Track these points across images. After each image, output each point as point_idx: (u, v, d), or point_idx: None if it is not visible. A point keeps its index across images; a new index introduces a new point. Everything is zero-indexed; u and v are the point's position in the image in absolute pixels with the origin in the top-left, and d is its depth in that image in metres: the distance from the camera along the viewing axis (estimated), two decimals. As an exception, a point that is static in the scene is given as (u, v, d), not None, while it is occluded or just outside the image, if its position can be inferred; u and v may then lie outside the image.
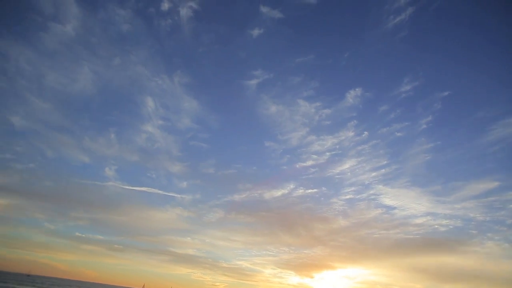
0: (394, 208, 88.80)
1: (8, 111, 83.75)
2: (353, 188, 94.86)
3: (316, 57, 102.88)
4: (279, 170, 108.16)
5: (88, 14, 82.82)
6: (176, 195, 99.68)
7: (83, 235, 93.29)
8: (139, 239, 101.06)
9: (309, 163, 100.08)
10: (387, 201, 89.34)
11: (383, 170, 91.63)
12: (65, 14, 79.02)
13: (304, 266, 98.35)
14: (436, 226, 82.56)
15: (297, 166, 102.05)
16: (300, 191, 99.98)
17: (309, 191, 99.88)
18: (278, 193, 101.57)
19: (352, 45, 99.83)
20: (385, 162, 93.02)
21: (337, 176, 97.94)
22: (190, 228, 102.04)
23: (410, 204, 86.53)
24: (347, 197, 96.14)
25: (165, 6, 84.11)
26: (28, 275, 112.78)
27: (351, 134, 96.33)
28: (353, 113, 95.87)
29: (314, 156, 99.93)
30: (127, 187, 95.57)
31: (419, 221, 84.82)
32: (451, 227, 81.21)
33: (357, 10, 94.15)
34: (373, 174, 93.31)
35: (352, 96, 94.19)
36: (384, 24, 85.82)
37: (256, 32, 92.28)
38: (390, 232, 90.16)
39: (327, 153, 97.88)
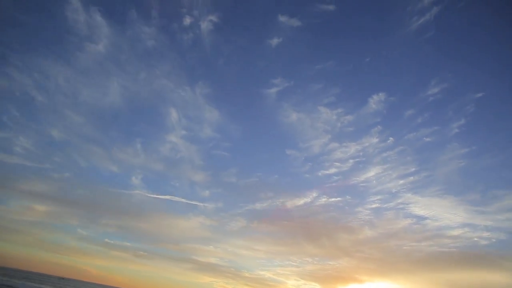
0: (426, 218, 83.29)
1: (49, 125, 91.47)
2: (379, 197, 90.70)
3: (337, 63, 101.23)
4: (301, 178, 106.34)
5: (117, 33, 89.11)
6: (198, 204, 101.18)
7: (112, 242, 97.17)
8: (163, 246, 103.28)
9: (332, 171, 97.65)
10: (417, 211, 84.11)
11: (412, 177, 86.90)
12: (97, 34, 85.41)
13: (329, 278, 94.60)
14: (475, 239, 75.82)
15: (319, 174, 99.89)
16: (323, 200, 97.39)
17: (333, 199, 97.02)
18: (300, 201, 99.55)
19: (373, 49, 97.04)
20: (414, 169, 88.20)
21: (362, 184, 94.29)
22: (212, 236, 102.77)
23: (444, 214, 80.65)
24: (373, 206, 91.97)
25: (187, 21, 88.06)
26: (62, 278, 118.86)
27: (375, 140, 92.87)
28: (376, 119, 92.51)
29: (337, 164, 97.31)
30: (152, 195, 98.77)
31: (455, 232, 78.73)
32: (494, 240, 74.06)
33: (378, 13, 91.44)
34: (401, 182, 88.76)
35: (375, 101, 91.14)
36: (407, 26, 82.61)
37: (275, 41, 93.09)
38: (422, 244, 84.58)
39: (351, 161, 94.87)
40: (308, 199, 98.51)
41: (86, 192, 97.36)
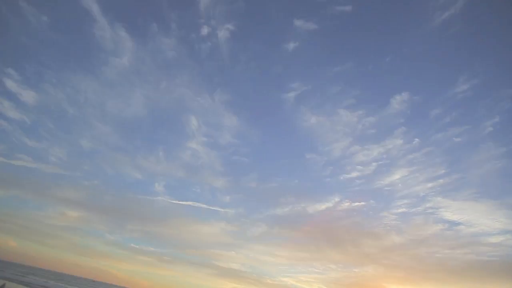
0: (459, 223, 77.26)
1: (79, 135, 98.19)
2: (406, 201, 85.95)
3: (355, 65, 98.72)
4: (322, 182, 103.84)
5: (140, 46, 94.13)
6: (219, 209, 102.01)
7: (137, 246, 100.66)
8: (186, 252, 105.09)
9: (354, 174, 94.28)
10: (449, 216, 78.36)
11: (441, 180, 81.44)
12: (121, 49, 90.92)
13: (355, 286, 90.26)
14: (518, 247, 68.90)
15: (341, 178, 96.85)
16: (346, 204, 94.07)
17: (356, 204, 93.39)
18: (322, 206, 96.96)
19: (394, 48, 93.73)
20: (443, 171, 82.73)
21: (387, 188, 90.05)
22: (234, 242, 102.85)
23: (480, 219, 74.22)
24: (400, 210, 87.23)
25: (205, 31, 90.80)
26: (93, 281, 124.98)
27: (399, 142, 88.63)
28: (400, 120, 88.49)
29: (359, 167, 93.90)
30: (174, 201, 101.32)
31: (494, 240, 72.03)
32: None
33: (397, 10, 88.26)
34: (429, 185, 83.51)
35: (398, 101, 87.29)
36: (430, 21, 78.66)
37: (291, 45, 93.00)
38: (457, 252, 78.46)
39: (374, 164, 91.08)
40: (330, 204, 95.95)
41: (113, 199, 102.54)
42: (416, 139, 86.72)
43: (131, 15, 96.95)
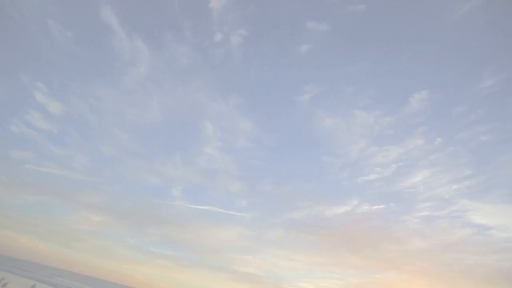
0: (489, 227, 72.38)
1: (100, 143, 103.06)
2: (429, 204, 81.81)
3: (371, 64, 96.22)
4: (339, 185, 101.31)
5: (156, 55, 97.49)
6: (236, 214, 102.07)
7: (156, 250, 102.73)
8: (203, 256, 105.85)
9: (373, 176, 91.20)
10: (478, 219, 73.58)
11: (467, 181, 76.83)
12: (139, 58, 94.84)
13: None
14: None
15: (359, 180, 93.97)
16: (365, 208, 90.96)
17: (376, 207, 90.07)
18: (340, 210, 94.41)
19: (411, 45, 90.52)
20: (469, 172, 78.06)
21: (408, 190, 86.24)
22: (251, 246, 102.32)
23: (515, 223, 68.99)
24: (423, 214, 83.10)
25: (218, 37, 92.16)
26: (115, 284, 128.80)
27: (420, 142, 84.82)
28: (420, 119, 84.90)
29: (378, 169, 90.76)
30: (191, 206, 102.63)
31: (530, 245, 66.75)
32: None
33: (413, 6, 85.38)
34: (454, 186, 79.03)
35: (417, 100, 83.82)
36: (449, 15, 75.37)
37: (304, 47, 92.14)
38: (488, 258, 73.46)
39: (393, 165, 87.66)
40: (348, 207, 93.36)
41: (133, 203, 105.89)
42: (438, 139, 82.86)
43: (147, 25, 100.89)
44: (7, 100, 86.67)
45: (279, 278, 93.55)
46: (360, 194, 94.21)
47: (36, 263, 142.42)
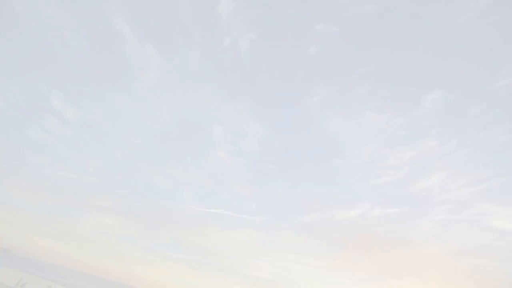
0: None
1: (113, 147, 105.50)
2: (444, 207, 79.57)
3: (382, 65, 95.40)
4: (350, 188, 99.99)
5: (166, 61, 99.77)
6: (246, 217, 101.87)
7: (166, 253, 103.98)
8: (213, 259, 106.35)
9: (385, 179, 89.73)
10: (499, 223, 71.21)
11: (486, 184, 74.60)
12: (150, 65, 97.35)
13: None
14: None
15: (371, 183, 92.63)
16: (377, 211, 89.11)
17: (388, 210, 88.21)
18: (351, 213, 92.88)
19: (423, 44, 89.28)
20: (488, 173, 75.96)
21: (422, 193, 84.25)
22: (261, 249, 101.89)
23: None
24: (438, 217, 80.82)
25: (227, 41, 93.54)
26: (127, 286, 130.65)
27: (434, 143, 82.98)
28: (434, 120, 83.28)
29: (390, 171, 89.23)
30: (201, 209, 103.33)
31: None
32: None
33: (425, 4, 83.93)
34: (471, 189, 76.83)
35: (430, 100, 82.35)
36: (464, 12, 74.01)
37: (313, 49, 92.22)
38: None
39: (406, 167, 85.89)
40: (359, 211, 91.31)
41: (144, 206, 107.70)
42: (454, 140, 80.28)
43: (158, 31, 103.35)
44: (25, 106, 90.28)
45: (290, 282, 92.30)
46: (372, 197, 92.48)
47: (51, 263, 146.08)
